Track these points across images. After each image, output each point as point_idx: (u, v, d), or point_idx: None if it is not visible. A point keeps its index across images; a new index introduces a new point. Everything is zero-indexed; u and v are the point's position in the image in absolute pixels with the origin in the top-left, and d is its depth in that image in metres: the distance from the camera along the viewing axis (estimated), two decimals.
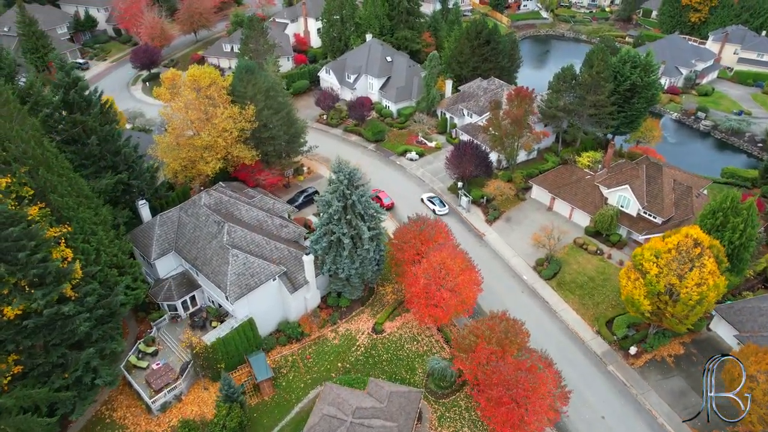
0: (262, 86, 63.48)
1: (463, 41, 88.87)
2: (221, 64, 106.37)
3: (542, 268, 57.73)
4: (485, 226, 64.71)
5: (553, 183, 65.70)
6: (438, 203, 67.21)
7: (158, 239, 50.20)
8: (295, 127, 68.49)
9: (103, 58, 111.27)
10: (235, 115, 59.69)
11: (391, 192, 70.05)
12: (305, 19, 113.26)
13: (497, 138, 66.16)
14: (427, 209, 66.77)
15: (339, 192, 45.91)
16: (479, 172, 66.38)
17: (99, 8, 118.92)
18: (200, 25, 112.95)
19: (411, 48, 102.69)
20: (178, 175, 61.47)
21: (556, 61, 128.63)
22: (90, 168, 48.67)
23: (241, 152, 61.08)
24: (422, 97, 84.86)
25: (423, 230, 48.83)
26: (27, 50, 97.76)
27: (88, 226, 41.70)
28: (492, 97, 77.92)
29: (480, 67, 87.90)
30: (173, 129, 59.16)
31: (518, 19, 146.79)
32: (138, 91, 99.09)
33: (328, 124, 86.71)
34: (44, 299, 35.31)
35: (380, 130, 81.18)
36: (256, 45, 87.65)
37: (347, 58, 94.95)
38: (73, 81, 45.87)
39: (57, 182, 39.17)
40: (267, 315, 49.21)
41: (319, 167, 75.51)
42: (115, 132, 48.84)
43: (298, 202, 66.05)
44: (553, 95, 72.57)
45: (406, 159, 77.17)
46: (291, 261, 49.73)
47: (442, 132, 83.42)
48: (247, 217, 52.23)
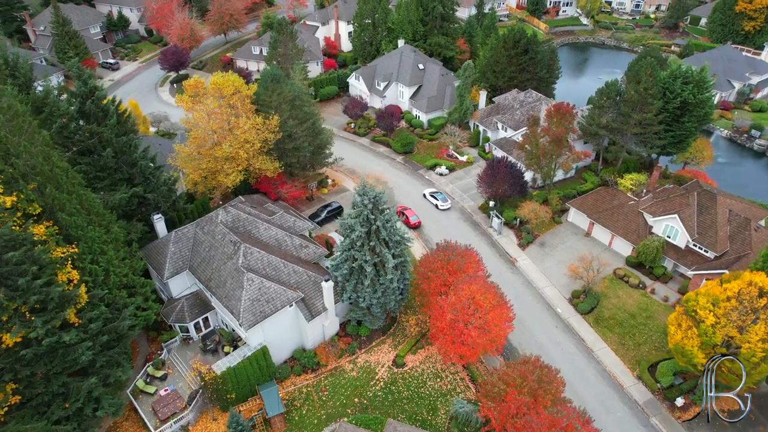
0: (287, 95, 60.84)
1: (500, 50, 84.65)
2: (249, 66, 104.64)
3: (578, 301, 53.45)
4: (517, 251, 60.65)
5: (593, 207, 61.17)
6: (441, 198, 67.41)
7: (172, 257, 47.94)
8: (321, 137, 65.72)
9: (134, 58, 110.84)
10: (259, 125, 57.17)
11: (419, 209, 66.59)
12: (336, 22, 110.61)
13: (534, 156, 61.96)
14: (430, 205, 67.66)
15: (363, 217, 42.74)
16: (513, 192, 62.35)
17: (132, 8, 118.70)
18: (230, 26, 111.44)
19: (444, 55, 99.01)
20: (198, 186, 59.39)
21: (595, 70, 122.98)
22: (105, 180, 46.68)
23: (263, 164, 58.55)
24: (454, 108, 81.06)
25: (452, 260, 45.24)
26: (59, 50, 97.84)
27: (98, 245, 39.54)
28: (529, 110, 73.67)
29: (516, 78, 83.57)
30: (194, 139, 57.00)
31: (556, 25, 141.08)
32: (165, 92, 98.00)
33: (355, 133, 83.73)
34: (44, 327, 33.15)
35: (409, 142, 77.75)
36: (285, 49, 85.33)
37: (378, 64, 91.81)
38: (90, 90, 43.86)
39: (65, 200, 37.06)
40: (282, 342, 46.44)
41: (344, 179, 72.55)
42: (132, 143, 46.69)
43: (321, 218, 63.18)
44: (595, 111, 67.89)
45: (436, 173, 73.55)
46: (309, 286, 46.81)
47: (474, 145, 79.47)
48: (265, 236, 49.54)
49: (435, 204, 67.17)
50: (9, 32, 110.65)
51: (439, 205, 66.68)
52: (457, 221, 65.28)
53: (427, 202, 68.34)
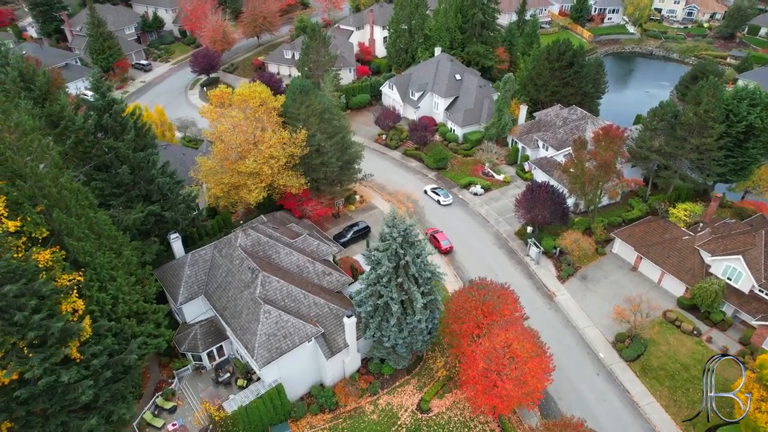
0: (316, 108, 57.68)
1: (543, 62, 79.77)
2: (281, 71, 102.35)
3: (623, 346, 48.57)
4: (556, 284, 56.00)
5: (641, 239, 56.02)
6: (443, 194, 67.75)
7: (187, 280, 45.23)
8: (350, 152, 62.33)
9: (166, 59, 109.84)
10: (285, 139, 54.12)
11: (451, 232, 62.54)
12: (371, 27, 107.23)
13: (578, 181, 57.12)
14: (432, 201, 67.78)
15: (391, 251, 39.05)
16: (554, 219, 57.68)
17: (167, 9, 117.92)
18: (263, 28, 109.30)
19: (482, 64, 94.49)
20: (220, 200, 56.78)
21: (642, 82, 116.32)
22: (120, 197, 44.30)
23: (288, 180, 55.51)
24: (492, 123, 76.59)
25: (487, 300, 41.12)
26: (94, 51, 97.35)
27: (107, 272, 36.99)
28: (573, 129, 68.70)
29: (560, 92, 78.58)
30: (217, 152, 54.36)
31: (601, 33, 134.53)
32: (195, 96, 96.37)
33: (386, 145, 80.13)
34: (41, 366, 30.63)
35: (443, 157, 73.67)
36: (317, 56, 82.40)
37: (413, 73, 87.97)
38: (108, 103, 41.43)
39: (73, 224, 34.56)
40: (298, 377, 43.19)
41: (373, 195, 69.02)
42: (150, 159, 44.14)
43: (347, 238, 59.77)
44: (646, 134, 62.58)
45: (470, 193, 69.30)
46: (330, 319, 43.41)
47: (512, 164, 74.84)
48: (286, 262, 46.37)
49: (437, 200, 67.40)
50: (48, 32, 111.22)
51: (441, 200, 67.04)
52: (492, 247, 60.96)
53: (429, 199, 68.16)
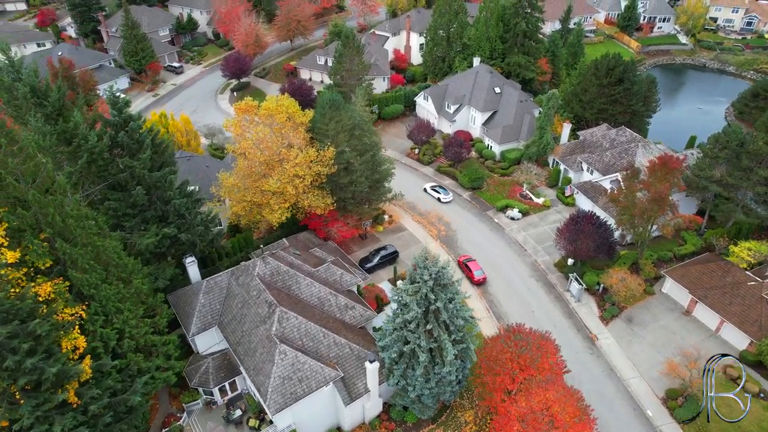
0: (346, 124, 54.27)
1: (590, 77, 74.59)
2: (313, 77, 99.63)
3: (676, 405, 43.48)
4: (599, 325, 51.16)
5: (697, 281, 50.66)
6: (443, 192, 67.90)
7: (201, 310, 42.42)
8: (380, 171, 58.75)
9: (198, 62, 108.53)
10: (312, 157, 50.91)
11: (485, 260, 58.28)
12: (408, 33, 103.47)
13: (627, 212, 52.08)
14: (432, 199, 67.72)
15: (421, 294, 35.26)
16: (598, 253, 52.78)
17: (202, 11, 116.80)
18: (297, 32, 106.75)
19: (523, 76, 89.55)
20: (242, 219, 54.03)
21: (694, 98, 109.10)
22: (135, 218, 41.76)
23: (314, 201, 52.32)
24: (533, 141, 71.82)
25: (524, 353, 36.88)
26: (127, 53, 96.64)
27: (113, 304, 34.34)
28: (621, 153, 63.48)
29: (607, 110, 73.30)
30: (240, 168, 51.58)
31: (650, 43, 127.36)
32: (224, 100, 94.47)
33: (419, 161, 76.26)
34: (33, 415, 28.05)
35: (479, 177, 69.33)
36: (350, 64, 79.10)
37: (449, 84, 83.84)
38: (125, 120, 38.89)
39: (78, 255, 31.98)
40: (314, 422, 39.79)
41: (402, 215, 65.26)
42: (166, 179, 41.44)
43: (373, 263, 56.18)
44: (706, 161, 57.01)
45: (506, 216, 64.81)
46: (351, 361, 39.90)
47: (553, 186, 69.92)
48: (306, 294, 43.09)
49: (437, 197, 67.47)
50: (85, 32, 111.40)
51: (441, 198, 67.21)
52: (528, 279, 56.41)
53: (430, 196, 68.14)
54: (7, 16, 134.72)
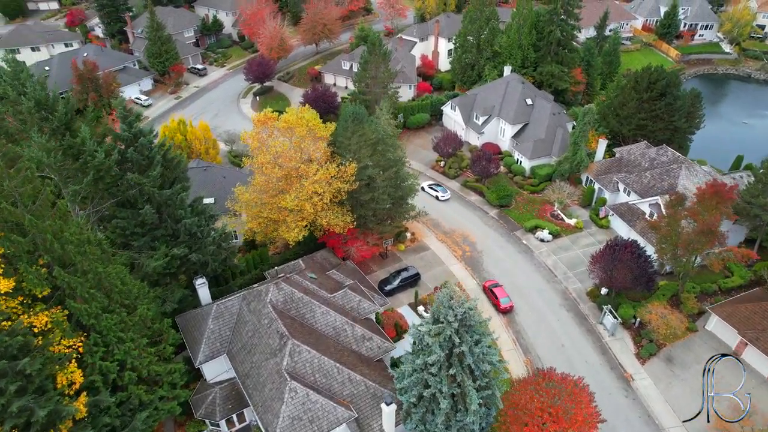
0: (369, 138, 51.50)
1: (628, 91, 70.30)
2: (338, 82, 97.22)
3: None
4: (635, 364, 47.28)
5: (748, 320, 46.33)
6: (441, 190, 67.76)
7: (210, 336, 40.11)
8: (404, 187, 55.79)
9: (222, 64, 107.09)
10: (332, 173, 48.24)
11: (511, 286, 54.84)
12: (436, 38, 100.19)
13: (668, 242, 48.05)
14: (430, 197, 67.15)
15: (444, 336, 32.21)
16: (636, 285, 48.87)
17: (228, 12, 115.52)
18: (323, 36, 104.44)
19: (556, 86, 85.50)
20: (257, 235, 51.74)
21: (739, 111, 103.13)
22: (144, 237, 39.67)
23: (333, 219, 49.66)
24: (565, 157, 67.89)
25: (557, 404, 33.48)
26: (151, 54, 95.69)
27: (114, 334, 32.17)
28: (663, 174, 59.22)
29: (646, 126, 68.94)
30: (256, 183, 49.23)
31: (690, 52, 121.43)
32: (247, 105, 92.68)
33: (444, 174, 73.02)
34: None
35: (507, 194, 65.74)
36: (376, 72, 76.23)
37: (478, 93, 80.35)
38: (135, 135, 36.76)
39: (77, 283, 29.84)
40: None
41: (426, 233, 62.16)
42: (177, 197, 39.20)
43: (393, 286, 53.24)
44: (758, 187, 52.54)
45: (536, 238, 61.15)
46: (366, 400, 37.10)
47: (586, 206, 65.92)
48: (321, 323, 40.41)
49: (435, 195, 67.39)
50: (112, 33, 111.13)
51: (439, 196, 67.17)
52: (558, 308, 52.75)
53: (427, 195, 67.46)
54: (40, 15, 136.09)
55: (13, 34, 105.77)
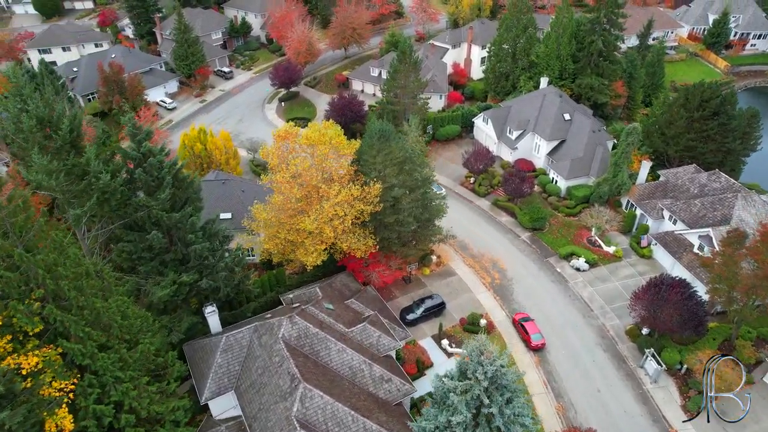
0: (396, 156, 48.18)
1: (677, 109, 65.30)
2: (365, 89, 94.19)
3: None
4: (681, 417, 42.76)
5: None
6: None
7: (217, 371, 37.37)
8: (431, 209, 52.33)
9: (249, 67, 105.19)
10: (355, 194, 45.11)
11: (544, 319, 50.82)
12: (469, 46, 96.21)
13: (723, 283, 43.33)
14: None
15: (472, 395, 28.68)
16: (684, 329, 44.34)
17: (256, 14, 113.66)
18: (352, 40, 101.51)
19: (595, 100, 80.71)
20: (274, 257, 49.00)
21: None
22: (152, 262, 37.22)
23: (354, 243, 46.57)
24: (605, 178, 63.29)
25: None
26: (177, 57, 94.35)
27: (111, 374, 29.62)
28: (715, 203, 54.28)
29: (696, 148, 63.88)
30: (274, 203, 46.42)
31: (741, 63, 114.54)
32: (272, 111, 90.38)
33: (474, 191, 69.16)
34: None
35: (541, 217, 61.56)
36: (406, 81, 72.80)
37: (512, 106, 76.21)
38: (144, 155, 34.26)
39: (71, 321, 27.34)
40: None
41: (452, 257, 58.50)
42: (187, 220, 36.56)
43: (416, 315, 49.83)
44: None
45: (571, 266, 56.88)
46: None
47: (626, 232, 61.26)
48: (336, 362, 37.29)
49: None
50: (141, 33, 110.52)
51: None
52: (594, 348, 48.51)
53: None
54: (75, 14, 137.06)
55: (46, 34, 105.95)
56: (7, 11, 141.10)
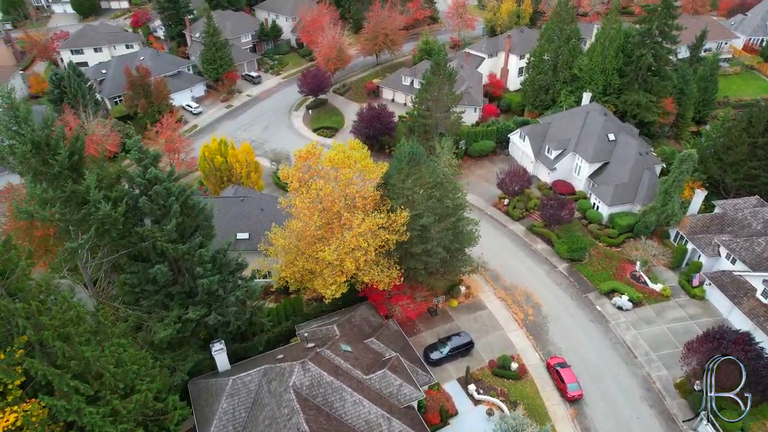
0: (426, 181, 44.37)
1: (738, 133, 59.51)
2: (396, 98, 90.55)
3: None
4: None
5: None
6: None
7: (221, 417, 34.18)
8: (462, 237, 48.25)
9: (278, 72, 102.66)
10: (380, 222, 41.42)
11: (581, 364, 46.17)
12: (507, 55, 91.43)
13: None
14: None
15: None
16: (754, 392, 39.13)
17: (288, 17, 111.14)
18: (384, 46, 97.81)
19: (641, 117, 75.14)
20: (291, 285, 45.72)
21: None
22: (155, 295, 34.30)
23: (377, 276, 42.91)
24: (652, 207, 57.90)
25: None
26: (205, 60, 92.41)
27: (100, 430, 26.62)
28: None
29: (760, 177, 57.94)
30: (293, 229, 43.12)
31: None
32: (298, 118, 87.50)
33: (507, 214, 64.62)
34: None
35: (580, 247, 56.69)
36: (439, 94, 68.72)
37: (552, 123, 71.34)
38: (149, 181, 31.28)
39: (54, 375, 24.42)
40: None
41: (482, 288, 54.24)
42: (196, 254, 33.45)
43: (442, 355, 45.76)
44: None
45: (612, 304, 51.95)
46: None
47: (675, 267, 55.83)
48: (352, 415, 33.67)
49: None
50: (172, 35, 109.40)
51: None
52: (638, 402, 43.54)
53: None
54: (111, 13, 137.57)
55: (79, 34, 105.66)
56: (47, 10, 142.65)
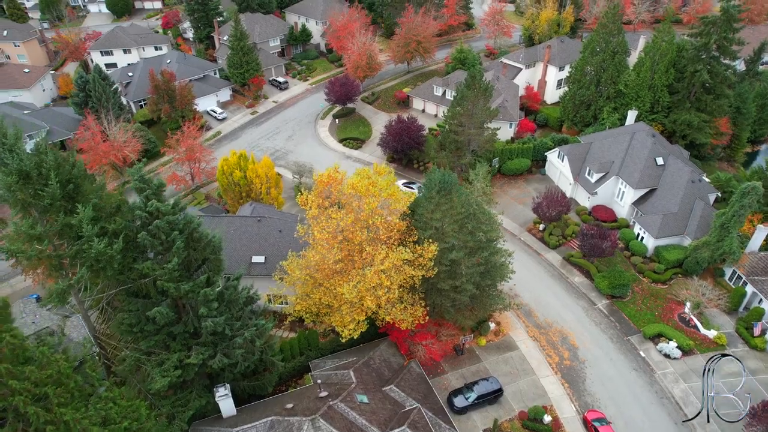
0: (458, 213, 40.43)
1: None
2: (427, 108, 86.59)
3: None
4: None
5: None
6: (416, 187, 63.23)
7: None
8: (493, 273, 44.09)
9: (305, 77, 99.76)
10: (406, 257, 37.65)
11: (623, 420, 41.50)
12: (545, 67, 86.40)
13: None
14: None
15: None
16: None
17: (318, 21, 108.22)
18: (416, 54, 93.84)
19: (692, 139, 69.46)
20: (305, 319, 42.35)
21: None
22: (156, 335, 31.26)
23: (399, 315, 39.19)
24: (705, 242, 52.52)
25: None
26: (232, 64, 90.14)
27: None
28: None
29: None
30: (310, 259, 39.70)
31: None
32: (324, 128, 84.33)
33: (542, 240, 60.04)
34: None
35: (622, 283, 51.75)
36: (473, 109, 64.42)
37: (594, 142, 66.31)
38: (150, 214, 28.18)
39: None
40: None
41: (514, 325, 49.92)
42: (201, 293, 30.24)
43: (468, 402, 41.65)
44: None
45: (658, 351, 46.99)
46: None
47: (731, 311, 50.44)
48: None
49: None
50: (200, 37, 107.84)
51: None
52: None
53: None
54: (144, 13, 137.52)
55: (109, 36, 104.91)
56: (83, 10, 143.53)
